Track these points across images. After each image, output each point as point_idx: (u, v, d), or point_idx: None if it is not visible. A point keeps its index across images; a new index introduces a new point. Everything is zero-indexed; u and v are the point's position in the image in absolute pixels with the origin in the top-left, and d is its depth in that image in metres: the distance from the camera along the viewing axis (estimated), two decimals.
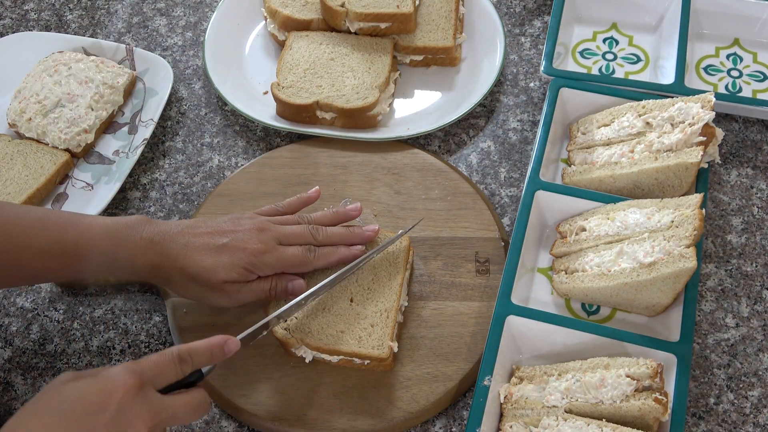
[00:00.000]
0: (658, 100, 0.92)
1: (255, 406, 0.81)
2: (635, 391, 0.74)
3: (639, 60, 1.07)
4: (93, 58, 1.06)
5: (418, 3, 1.07)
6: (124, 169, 0.98)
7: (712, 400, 0.82)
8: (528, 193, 0.90)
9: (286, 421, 0.80)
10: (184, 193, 1.00)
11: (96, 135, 1.02)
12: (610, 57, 1.08)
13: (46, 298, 0.91)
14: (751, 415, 0.81)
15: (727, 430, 0.81)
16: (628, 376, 0.74)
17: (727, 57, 1.07)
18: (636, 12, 1.10)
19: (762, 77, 1.05)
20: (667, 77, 1.00)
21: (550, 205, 0.90)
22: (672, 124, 0.89)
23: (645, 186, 0.89)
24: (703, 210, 0.80)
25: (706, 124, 0.86)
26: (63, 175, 1.00)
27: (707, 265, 0.91)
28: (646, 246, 0.80)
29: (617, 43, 1.09)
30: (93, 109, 1.02)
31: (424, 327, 0.86)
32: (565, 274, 0.86)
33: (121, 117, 1.06)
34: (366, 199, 0.96)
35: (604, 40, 1.10)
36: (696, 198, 0.82)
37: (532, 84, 1.08)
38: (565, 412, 0.75)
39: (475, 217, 0.94)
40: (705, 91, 0.91)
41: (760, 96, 1.03)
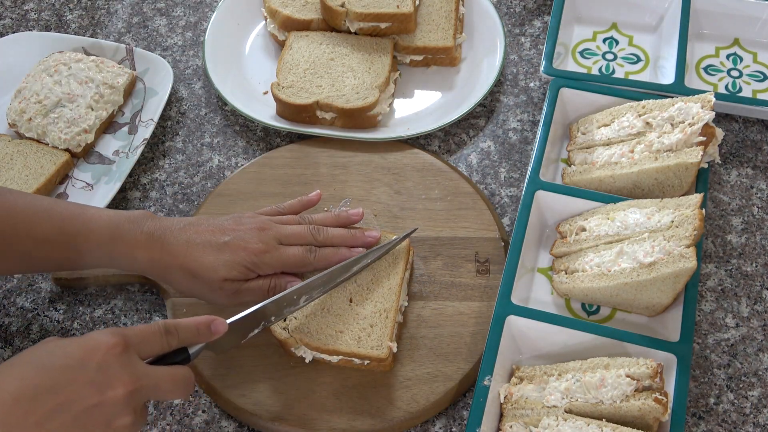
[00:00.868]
0: (658, 100, 0.92)
1: (255, 406, 0.81)
2: (635, 391, 0.73)
3: (639, 60, 1.07)
4: (93, 58, 1.06)
5: (418, 3, 1.07)
6: (124, 169, 0.98)
7: (712, 400, 0.82)
8: (528, 193, 0.90)
9: (286, 421, 0.80)
10: (184, 193, 1.00)
11: (96, 135, 1.02)
12: (610, 57, 1.08)
13: (46, 298, 0.91)
14: (751, 415, 0.81)
15: (727, 430, 0.81)
16: (628, 376, 0.74)
17: (727, 57, 1.07)
18: (636, 12, 1.10)
19: (762, 77, 1.05)
20: (667, 77, 1.00)
21: (550, 205, 0.90)
22: (672, 124, 0.89)
23: (645, 186, 0.89)
24: (703, 210, 0.80)
25: (706, 124, 0.86)
26: (63, 175, 1.00)
27: (707, 265, 0.91)
28: (646, 246, 0.80)
29: (617, 43, 1.09)
30: (93, 109, 1.02)
31: (424, 327, 0.86)
32: (565, 274, 0.86)
33: (121, 117, 1.06)
34: (366, 199, 0.96)
35: (604, 40, 1.10)
36: (696, 198, 0.82)
37: (532, 84, 1.08)
38: (565, 412, 0.75)
39: (475, 217, 0.94)
40: (705, 91, 0.91)
41: (760, 96, 1.03)
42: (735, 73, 1.06)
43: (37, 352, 0.61)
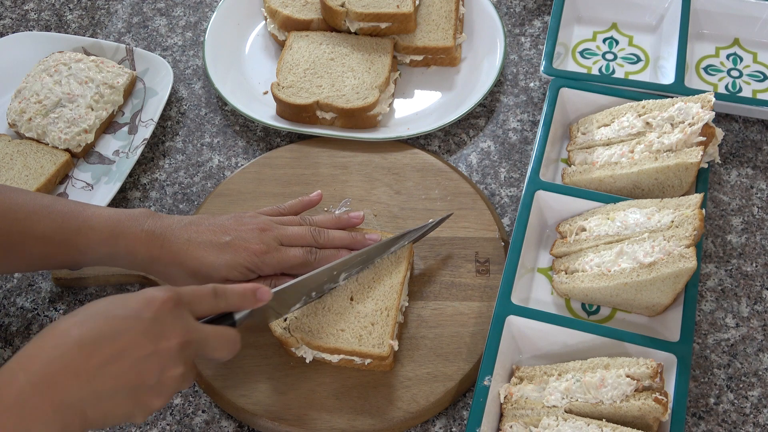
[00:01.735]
0: (658, 100, 0.92)
1: (255, 406, 0.81)
2: (635, 391, 0.74)
3: (639, 60, 1.07)
4: (93, 58, 1.06)
5: (418, 3, 1.07)
6: (124, 169, 0.98)
7: (712, 400, 0.82)
8: (528, 193, 0.90)
9: (286, 421, 0.80)
10: (184, 193, 1.00)
11: (96, 135, 1.02)
12: (610, 57, 1.08)
13: (46, 298, 0.91)
14: (751, 415, 0.81)
15: (727, 430, 0.81)
16: (628, 376, 0.74)
17: (727, 57, 1.07)
18: (636, 12, 1.10)
19: (762, 77, 1.05)
20: (667, 77, 1.00)
21: (550, 205, 0.91)
22: (672, 124, 0.89)
23: (645, 186, 0.89)
24: (703, 210, 0.80)
25: (706, 124, 0.86)
26: (63, 175, 1.00)
27: (707, 265, 0.91)
28: (646, 246, 0.80)
29: (617, 43, 1.09)
30: (93, 109, 1.02)
31: (424, 327, 0.86)
32: (565, 274, 0.86)
33: (121, 117, 1.06)
34: (366, 199, 0.96)
35: (604, 40, 1.10)
36: (696, 198, 0.82)
37: (532, 84, 1.08)
38: (565, 412, 0.75)
39: (475, 217, 0.94)
40: (705, 91, 0.91)
41: (760, 96, 1.03)
42: (735, 73, 1.06)
43: (99, 303, 0.64)
